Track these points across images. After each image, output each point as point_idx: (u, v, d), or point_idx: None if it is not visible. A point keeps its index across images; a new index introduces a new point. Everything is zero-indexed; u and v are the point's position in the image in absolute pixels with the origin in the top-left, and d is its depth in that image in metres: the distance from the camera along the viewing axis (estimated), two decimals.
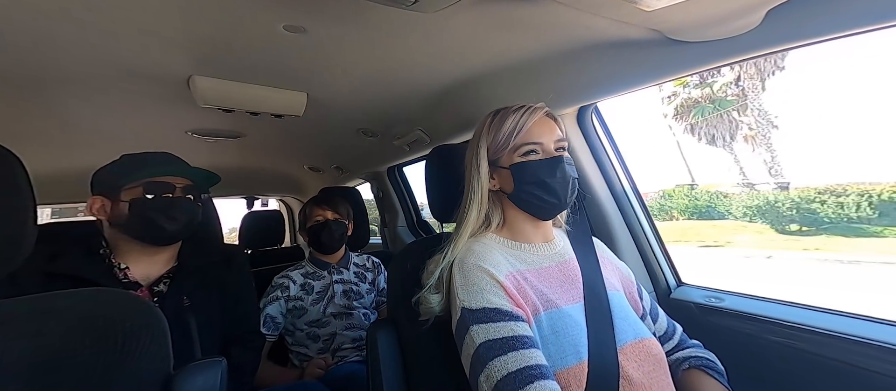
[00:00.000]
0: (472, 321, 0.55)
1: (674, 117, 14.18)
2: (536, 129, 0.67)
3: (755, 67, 12.15)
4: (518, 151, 0.66)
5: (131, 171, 0.83)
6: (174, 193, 0.85)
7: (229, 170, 1.97)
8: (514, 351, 0.51)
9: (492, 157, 0.69)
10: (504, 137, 0.67)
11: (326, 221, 1.30)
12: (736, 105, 13.15)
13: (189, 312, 0.83)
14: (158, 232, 0.83)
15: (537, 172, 0.65)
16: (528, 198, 0.66)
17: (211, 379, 0.56)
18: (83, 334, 0.49)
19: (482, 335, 0.54)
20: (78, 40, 0.71)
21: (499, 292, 0.57)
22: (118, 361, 0.50)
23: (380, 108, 1.21)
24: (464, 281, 0.59)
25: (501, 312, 0.55)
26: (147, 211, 0.82)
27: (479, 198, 0.68)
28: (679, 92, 13.88)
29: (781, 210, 9.16)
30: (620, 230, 1.07)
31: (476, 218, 0.68)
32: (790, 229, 9.23)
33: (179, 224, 0.85)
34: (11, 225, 0.47)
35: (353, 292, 1.30)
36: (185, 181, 0.88)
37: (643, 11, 0.59)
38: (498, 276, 0.59)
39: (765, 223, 9.49)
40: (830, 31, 0.56)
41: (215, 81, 0.92)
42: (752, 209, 9.89)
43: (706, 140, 13.66)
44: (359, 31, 0.74)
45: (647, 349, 0.61)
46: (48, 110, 1.03)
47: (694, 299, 0.97)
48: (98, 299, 0.53)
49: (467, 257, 0.62)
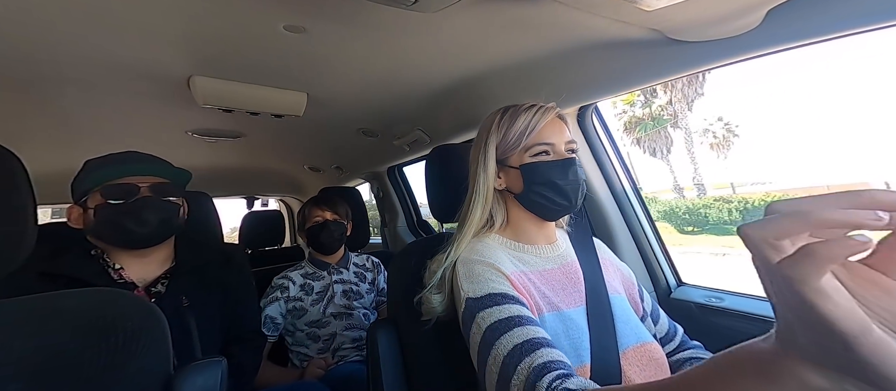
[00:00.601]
0: (477, 308, 0.55)
1: (624, 131, 16.61)
2: (548, 129, 0.66)
3: (682, 93, 14.80)
4: (529, 151, 0.65)
5: (93, 176, 0.80)
6: (139, 194, 0.80)
7: (229, 170, 1.97)
8: (519, 327, 0.51)
9: (500, 156, 0.68)
10: (515, 136, 0.65)
11: (325, 222, 1.29)
12: (670, 122, 15.64)
13: (189, 312, 0.82)
14: (129, 236, 0.80)
15: (549, 174, 0.64)
16: (538, 199, 0.65)
17: (211, 379, 0.56)
18: (84, 334, 0.49)
19: (487, 319, 0.53)
20: (78, 40, 0.71)
21: (502, 280, 0.57)
22: (119, 361, 0.50)
23: (380, 108, 1.21)
24: (467, 273, 0.59)
25: (505, 296, 0.55)
26: (111, 216, 0.78)
27: (483, 196, 0.67)
28: (628, 110, 16.44)
29: (679, 213, 11.72)
30: (621, 230, 1.07)
31: (480, 217, 0.67)
32: (687, 229, 11.54)
33: (151, 226, 0.81)
34: (11, 225, 0.47)
35: (353, 292, 1.30)
36: (152, 180, 0.83)
37: (643, 11, 0.59)
38: (502, 269, 0.58)
39: (669, 224, 11.85)
40: (830, 31, 0.56)
41: (215, 81, 0.92)
42: (660, 213, 12.20)
43: (649, 152, 16.22)
44: (359, 30, 0.74)
45: (649, 353, 0.60)
46: (48, 110, 1.03)
47: (694, 299, 0.97)
48: (99, 299, 0.53)
49: (471, 255, 0.62)
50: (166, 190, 0.85)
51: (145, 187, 0.82)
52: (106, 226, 0.79)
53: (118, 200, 0.79)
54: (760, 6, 0.56)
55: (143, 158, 0.86)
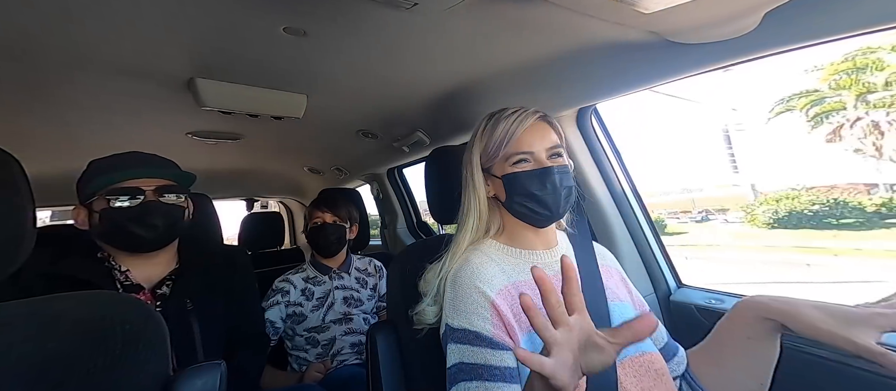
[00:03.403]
0: (451, 338, 0.56)
1: None
2: (527, 136, 0.64)
3: None
4: (509, 161, 0.64)
5: (97, 179, 0.78)
6: (146, 197, 0.79)
7: (229, 171, 1.97)
8: (479, 380, 0.51)
9: (484, 165, 0.67)
10: (494, 146, 0.65)
11: (324, 224, 1.29)
12: None
13: (192, 315, 0.82)
14: (136, 240, 0.79)
15: (527, 184, 0.63)
16: (520, 209, 0.65)
17: (210, 382, 0.55)
18: (83, 337, 0.49)
19: (457, 355, 0.54)
20: (78, 42, 0.71)
21: (486, 315, 0.56)
22: (118, 364, 0.50)
23: (379, 110, 1.21)
24: (453, 296, 0.59)
25: (480, 337, 0.54)
26: (116, 220, 0.77)
27: (476, 208, 0.67)
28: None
29: None
30: (620, 232, 1.07)
31: (473, 225, 0.67)
32: None
33: (158, 230, 0.80)
34: (10, 227, 0.47)
35: (354, 299, 1.29)
36: (159, 182, 0.82)
37: (642, 14, 0.59)
38: (490, 295, 0.57)
39: None
40: (827, 34, 0.56)
41: (215, 83, 0.92)
42: None
43: None
44: (359, 33, 0.74)
45: (647, 363, 0.59)
46: (48, 112, 1.03)
47: (694, 301, 0.97)
48: (98, 302, 0.53)
49: (462, 271, 0.61)
50: (171, 191, 0.83)
51: (150, 190, 0.80)
52: (111, 230, 0.78)
53: (123, 204, 0.77)
54: (757, 9, 0.57)
55: (147, 160, 0.84)
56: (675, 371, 0.66)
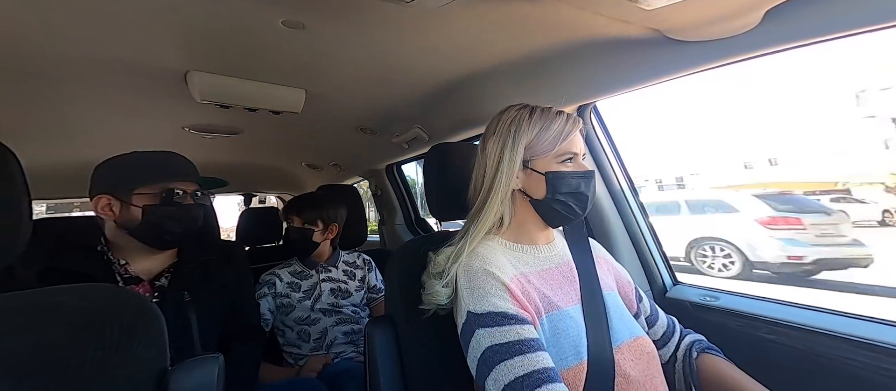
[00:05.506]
0: (477, 325, 0.55)
1: None
2: (578, 138, 0.66)
3: None
4: (559, 158, 0.65)
5: (146, 174, 0.81)
6: (185, 201, 0.85)
7: (227, 166, 1.96)
8: (520, 355, 0.51)
9: (527, 157, 0.65)
10: (549, 140, 0.64)
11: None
12: None
13: (189, 307, 0.82)
14: (169, 237, 0.83)
15: (573, 184, 0.64)
16: (558, 206, 0.65)
17: (208, 374, 0.55)
18: (79, 329, 0.49)
19: (488, 339, 0.53)
20: (74, 34, 0.70)
21: (504, 295, 0.56)
22: (114, 357, 0.50)
23: (378, 106, 1.21)
24: (469, 284, 0.59)
25: (506, 316, 0.54)
26: (161, 219, 0.80)
27: (501, 195, 0.65)
28: None
29: None
30: (618, 230, 1.07)
31: (494, 215, 0.65)
32: None
33: (188, 230, 0.85)
34: (5, 219, 0.47)
35: (341, 290, 1.30)
36: (195, 186, 0.88)
37: (643, 10, 0.59)
38: (504, 279, 0.58)
39: None
40: (829, 32, 0.56)
41: (213, 77, 0.91)
42: None
43: None
44: (358, 27, 0.74)
45: (641, 347, 0.62)
46: (43, 105, 1.02)
47: (689, 298, 0.97)
48: (94, 294, 0.53)
49: (472, 262, 0.61)
50: (201, 196, 0.89)
51: (189, 193, 0.86)
52: (151, 227, 0.80)
53: (176, 204, 0.82)
54: (759, 6, 0.57)
55: (189, 164, 0.89)
56: (665, 357, 0.72)
